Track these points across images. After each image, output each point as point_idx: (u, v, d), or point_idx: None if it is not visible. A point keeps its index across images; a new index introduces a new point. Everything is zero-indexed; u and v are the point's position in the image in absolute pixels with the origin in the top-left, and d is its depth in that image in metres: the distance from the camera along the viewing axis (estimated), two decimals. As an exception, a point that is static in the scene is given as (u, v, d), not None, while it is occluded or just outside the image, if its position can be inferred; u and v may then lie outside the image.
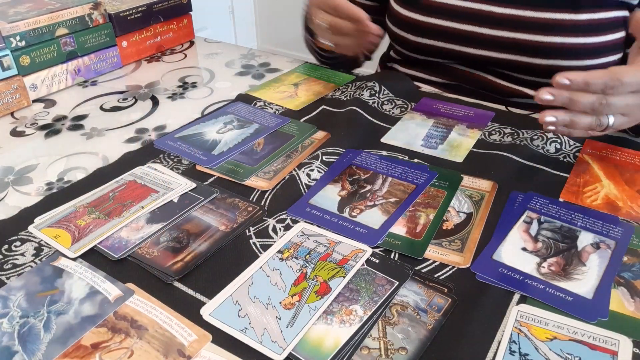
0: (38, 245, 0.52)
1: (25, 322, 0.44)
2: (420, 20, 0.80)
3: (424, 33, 0.81)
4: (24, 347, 0.42)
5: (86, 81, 0.90)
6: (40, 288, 0.47)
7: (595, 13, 0.72)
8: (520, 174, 0.61)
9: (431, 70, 0.86)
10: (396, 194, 0.58)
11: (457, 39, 0.79)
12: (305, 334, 0.42)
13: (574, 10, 0.72)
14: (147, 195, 0.58)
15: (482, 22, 0.76)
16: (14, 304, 0.46)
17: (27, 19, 0.79)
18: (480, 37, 0.77)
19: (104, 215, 0.56)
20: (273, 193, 0.59)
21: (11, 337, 0.43)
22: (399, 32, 0.84)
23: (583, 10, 0.72)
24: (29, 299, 0.46)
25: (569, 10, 0.72)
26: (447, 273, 0.48)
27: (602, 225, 0.53)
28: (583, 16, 0.72)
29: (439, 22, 0.79)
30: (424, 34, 0.81)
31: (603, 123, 0.57)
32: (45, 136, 0.73)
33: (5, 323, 0.44)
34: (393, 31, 0.86)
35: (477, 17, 0.76)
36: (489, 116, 0.73)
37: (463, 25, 0.78)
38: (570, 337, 0.42)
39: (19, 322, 0.44)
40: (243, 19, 2.90)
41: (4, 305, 0.46)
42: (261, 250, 0.51)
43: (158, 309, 0.45)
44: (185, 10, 1.02)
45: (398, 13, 0.83)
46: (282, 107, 0.78)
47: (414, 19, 0.81)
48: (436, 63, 0.85)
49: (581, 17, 0.72)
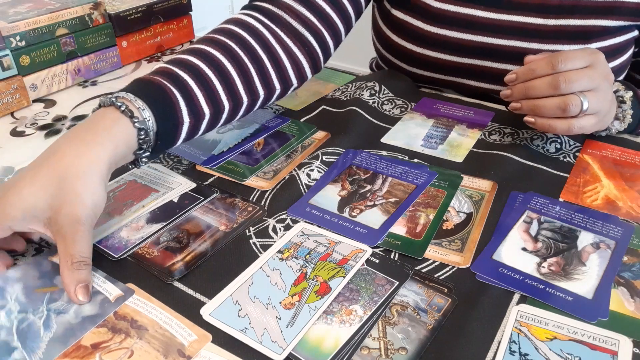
0: (38, 246, 0.52)
1: (24, 318, 0.44)
2: (417, 51, 0.79)
3: (421, 62, 0.80)
4: (23, 344, 0.42)
5: (86, 81, 0.90)
6: (39, 283, 0.47)
7: (605, 41, 0.71)
8: (520, 174, 0.61)
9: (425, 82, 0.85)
10: (396, 194, 0.58)
11: (457, 72, 0.78)
12: (305, 334, 0.42)
13: (583, 41, 0.70)
14: (148, 195, 0.58)
15: (487, 54, 0.75)
16: (11, 296, 0.45)
17: (27, 19, 0.79)
18: (483, 69, 0.76)
19: (104, 214, 0.55)
20: (273, 193, 0.59)
21: (9, 332, 0.43)
22: (395, 61, 0.84)
23: (592, 40, 0.70)
24: (27, 294, 0.46)
25: (578, 40, 0.70)
26: (447, 273, 0.48)
27: (602, 225, 0.53)
28: (592, 45, 0.70)
29: (436, 55, 0.78)
30: (422, 62, 0.80)
31: (576, 103, 0.56)
32: (45, 136, 0.73)
33: (3, 316, 0.44)
34: (389, 59, 0.85)
35: (479, 50, 0.75)
36: (489, 116, 0.73)
37: (465, 59, 0.77)
38: (570, 337, 0.42)
39: (17, 317, 0.44)
40: (243, 19, 2.90)
41: (1, 296, 0.46)
42: (261, 250, 0.51)
43: (158, 309, 0.45)
44: (185, 10, 1.02)
45: (396, 44, 0.82)
46: (282, 107, 0.78)
47: (410, 49, 0.80)
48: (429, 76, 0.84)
49: (591, 46, 0.70)
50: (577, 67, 0.56)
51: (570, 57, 0.56)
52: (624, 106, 0.64)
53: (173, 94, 0.55)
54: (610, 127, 0.65)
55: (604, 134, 0.67)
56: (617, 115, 0.64)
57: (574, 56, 0.56)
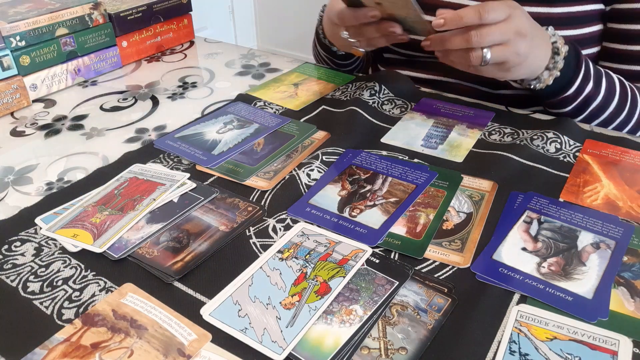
0: (38, 246, 0.52)
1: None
2: None
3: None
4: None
5: (86, 81, 0.90)
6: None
7: (571, 6, 0.73)
8: (520, 174, 0.61)
9: (415, 67, 0.85)
10: (396, 194, 0.58)
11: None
12: (305, 334, 0.42)
13: (549, 4, 0.73)
14: (155, 189, 0.59)
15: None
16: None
17: (27, 19, 0.79)
18: None
19: (116, 211, 0.56)
20: (273, 193, 0.59)
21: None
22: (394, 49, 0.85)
23: (558, 3, 0.73)
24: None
25: (543, 3, 0.73)
26: (447, 273, 0.48)
27: (602, 225, 0.53)
28: (558, 9, 0.73)
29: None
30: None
31: (477, 55, 0.61)
32: (45, 136, 0.73)
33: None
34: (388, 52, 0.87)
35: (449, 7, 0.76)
36: (489, 116, 0.73)
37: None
38: (570, 337, 0.42)
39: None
40: (243, 19, 2.90)
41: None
42: (261, 250, 0.51)
43: (158, 308, 0.45)
44: (185, 10, 1.02)
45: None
46: (282, 107, 0.78)
47: None
48: (418, 59, 0.84)
49: (556, 10, 0.73)
50: (499, 18, 0.60)
51: (494, 7, 0.59)
52: (557, 57, 0.66)
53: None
54: (541, 77, 0.67)
55: (538, 86, 0.68)
56: (548, 66, 0.67)
57: (496, 7, 0.60)
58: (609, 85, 0.71)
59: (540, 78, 0.67)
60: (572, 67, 0.67)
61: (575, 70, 0.68)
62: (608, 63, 0.78)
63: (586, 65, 0.68)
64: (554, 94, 0.69)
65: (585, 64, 0.68)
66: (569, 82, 0.68)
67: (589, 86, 0.69)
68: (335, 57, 0.88)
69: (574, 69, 0.68)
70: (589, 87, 0.69)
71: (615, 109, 0.71)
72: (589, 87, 0.69)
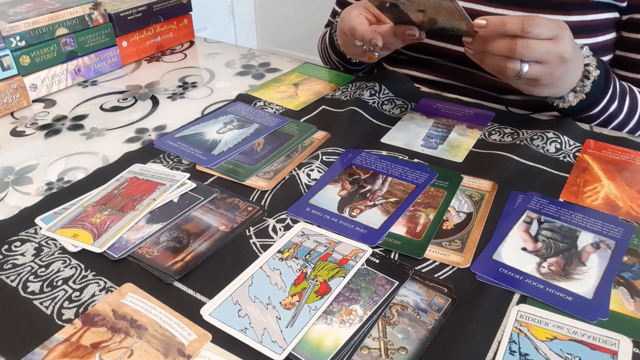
0: (38, 246, 0.52)
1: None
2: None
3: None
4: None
5: (86, 81, 0.90)
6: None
7: (586, 15, 0.72)
8: (520, 174, 0.61)
9: (423, 68, 0.85)
10: (396, 194, 0.58)
11: (448, 36, 0.79)
12: (305, 334, 0.42)
13: (565, 12, 0.72)
14: (155, 189, 0.59)
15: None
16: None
17: (27, 19, 0.79)
18: None
19: (116, 211, 0.56)
20: (273, 193, 0.59)
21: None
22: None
23: (573, 11, 0.72)
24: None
25: (559, 11, 0.72)
26: (447, 273, 0.48)
27: (602, 225, 0.53)
28: (573, 17, 0.72)
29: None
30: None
31: (514, 68, 0.59)
32: (45, 136, 0.73)
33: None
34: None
35: (470, 16, 0.76)
36: (489, 116, 0.73)
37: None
38: (570, 337, 0.42)
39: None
40: (243, 19, 2.90)
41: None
42: (261, 250, 0.51)
43: (158, 308, 0.45)
44: (185, 10, 1.02)
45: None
46: (282, 107, 0.78)
47: None
48: (427, 61, 0.84)
49: (571, 18, 0.72)
50: (544, 35, 0.58)
51: (541, 23, 0.58)
52: (586, 81, 0.65)
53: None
54: (566, 97, 0.67)
55: (561, 105, 0.68)
56: (575, 88, 0.66)
57: (544, 24, 0.58)
58: (631, 102, 0.70)
59: (565, 98, 0.67)
60: (600, 90, 0.67)
61: (603, 92, 0.67)
62: (621, 71, 0.77)
63: (613, 86, 0.68)
64: (575, 113, 0.69)
65: (613, 85, 0.68)
66: (594, 103, 0.67)
67: (613, 106, 0.68)
68: (349, 63, 0.88)
69: (601, 92, 0.67)
70: (613, 107, 0.68)
71: (635, 124, 0.72)
72: (613, 107, 0.68)
